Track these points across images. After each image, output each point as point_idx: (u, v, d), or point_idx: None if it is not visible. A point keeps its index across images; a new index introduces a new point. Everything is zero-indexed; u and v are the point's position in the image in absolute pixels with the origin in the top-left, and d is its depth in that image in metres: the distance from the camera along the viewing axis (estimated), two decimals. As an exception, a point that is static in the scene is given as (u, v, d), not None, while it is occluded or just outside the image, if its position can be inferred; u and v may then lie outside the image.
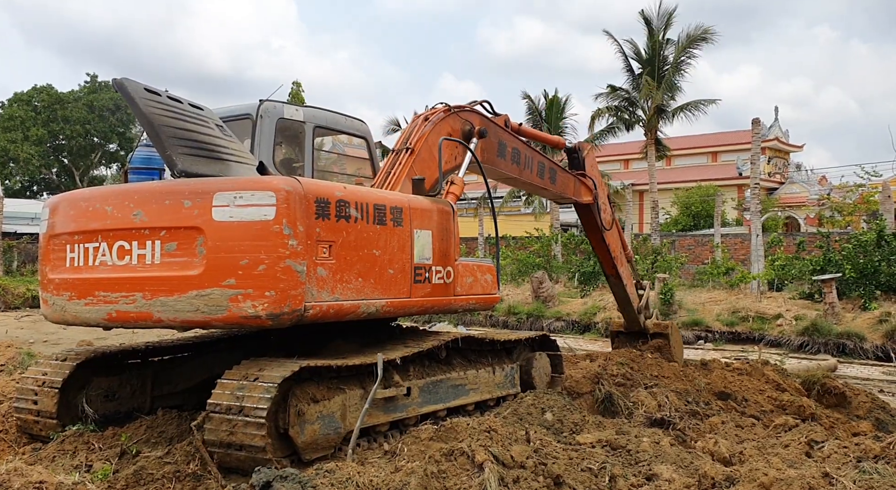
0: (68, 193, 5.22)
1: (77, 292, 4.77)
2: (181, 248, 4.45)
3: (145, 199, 4.60)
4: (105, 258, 4.67)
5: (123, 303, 4.56)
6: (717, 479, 3.98)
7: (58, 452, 4.64)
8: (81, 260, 4.80)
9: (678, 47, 24.36)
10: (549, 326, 15.46)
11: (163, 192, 4.59)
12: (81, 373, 5.37)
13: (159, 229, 4.51)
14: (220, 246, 4.38)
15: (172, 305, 4.42)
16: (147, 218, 4.55)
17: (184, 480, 4.13)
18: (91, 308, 4.70)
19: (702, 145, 46.28)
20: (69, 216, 4.94)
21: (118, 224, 4.64)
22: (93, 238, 4.74)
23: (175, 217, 4.47)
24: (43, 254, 5.09)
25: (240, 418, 4.21)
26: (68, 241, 4.89)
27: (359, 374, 4.99)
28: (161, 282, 4.46)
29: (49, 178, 53.48)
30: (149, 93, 4.73)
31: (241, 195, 4.40)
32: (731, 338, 13.29)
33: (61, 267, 4.92)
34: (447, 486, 3.90)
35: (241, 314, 4.36)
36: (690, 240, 26.82)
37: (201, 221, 4.41)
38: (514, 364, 6.54)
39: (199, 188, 4.49)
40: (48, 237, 5.05)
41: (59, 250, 4.94)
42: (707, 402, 6.58)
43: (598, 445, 4.88)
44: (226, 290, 4.35)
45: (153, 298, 4.46)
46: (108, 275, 4.64)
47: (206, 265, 4.38)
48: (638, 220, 39.39)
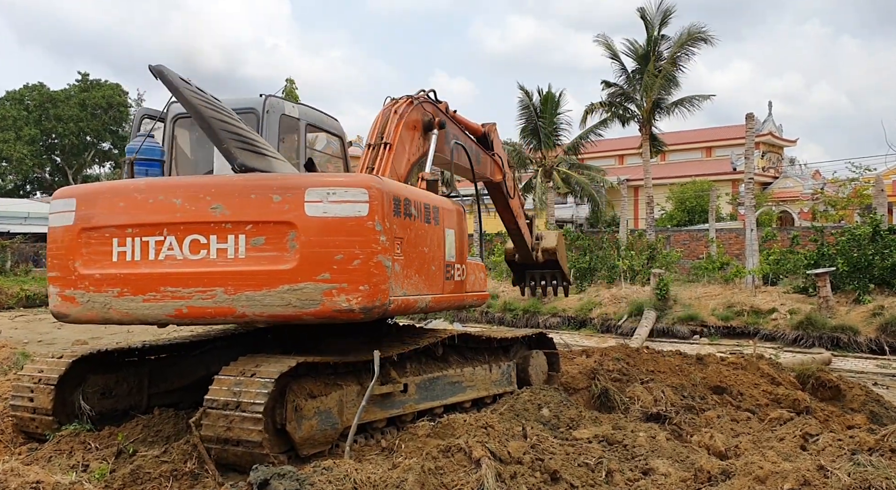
0: (105, 184, 5.01)
1: (131, 288, 4.55)
2: (270, 243, 4.45)
3: (225, 193, 4.53)
4: (173, 252, 4.53)
5: (199, 298, 4.46)
6: (713, 473, 3.99)
7: (54, 452, 4.63)
8: (138, 254, 4.58)
9: (676, 43, 24.40)
10: (544, 323, 15.48)
11: (246, 186, 4.55)
12: (78, 370, 5.36)
13: (244, 223, 4.48)
14: (313, 241, 4.42)
15: (260, 300, 4.41)
16: (229, 212, 4.49)
17: (181, 479, 4.13)
18: (153, 304, 4.52)
19: (696, 140, 46.35)
20: (117, 208, 4.66)
21: (192, 217, 4.53)
22: (155, 231, 4.57)
23: (263, 211, 4.46)
24: (68, 248, 4.72)
25: (237, 414, 4.22)
26: (115, 234, 4.63)
27: (356, 371, 5.00)
28: (247, 276, 4.43)
29: (42, 178, 53.24)
30: (184, 82, 4.73)
31: (334, 191, 4.47)
32: (726, 332, 13.33)
33: (103, 261, 4.63)
34: (445, 483, 3.91)
35: (335, 308, 4.42)
36: (685, 235, 26.88)
37: (293, 216, 4.43)
38: (511, 362, 6.56)
39: (288, 183, 4.53)
40: (79, 230, 4.69)
41: (98, 244, 4.65)
42: (702, 397, 6.60)
43: (594, 441, 4.90)
44: (319, 285, 4.39)
45: (237, 293, 4.42)
46: (177, 269, 4.50)
47: (300, 260, 4.40)
48: (633, 215, 39.44)
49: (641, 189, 31.74)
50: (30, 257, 27.63)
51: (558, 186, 31.45)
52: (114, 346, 5.78)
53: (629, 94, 25.99)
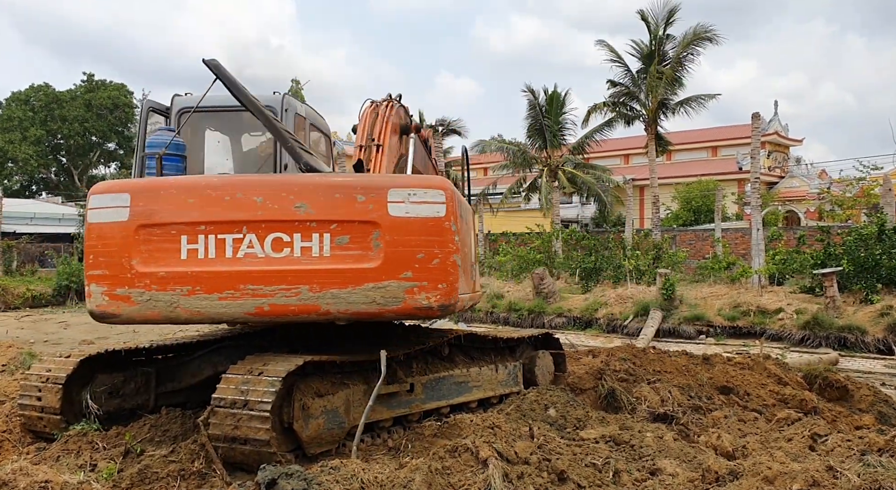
0: (167, 180, 4.89)
1: (204, 286, 4.49)
2: (354, 242, 4.55)
3: (309, 192, 4.59)
4: (253, 250, 4.53)
5: (282, 296, 4.49)
6: (721, 474, 3.98)
7: (62, 452, 4.64)
8: (212, 252, 4.53)
9: (682, 43, 24.36)
10: (550, 323, 15.46)
11: (330, 185, 4.64)
12: (85, 369, 5.38)
13: (329, 222, 4.55)
14: (396, 240, 4.55)
15: (345, 298, 4.50)
16: (314, 211, 4.55)
17: (189, 479, 4.14)
18: (230, 302, 4.50)
19: (701, 140, 46.25)
20: (187, 205, 4.58)
21: (275, 216, 4.55)
22: (233, 229, 4.55)
23: (348, 211, 4.56)
24: (121, 245, 4.56)
25: (244, 412, 4.23)
26: (185, 231, 4.55)
27: (362, 370, 5.01)
28: (332, 274, 4.50)
29: (48, 178, 53.44)
30: None
31: (415, 192, 4.62)
32: (732, 332, 13.28)
33: (169, 259, 4.54)
34: (452, 483, 3.91)
35: (416, 305, 4.57)
36: (691, 235, 26.83)
37: (377, 216, 4.55)
38: (517, 362, 6.56)
39: (372, 184, 4.66)
40: (136, 227, 4.56)
41: (162, 241, 4.55)
42: (709, 397, 6.58)
43: (601, 441, 4.89)
44: (402, 283, 4.54)
45: (322, 291, 4.49)
46: (258, 267, 4.51)
47: (384, 258, 4.53)
48: (639, 215, 39.38)
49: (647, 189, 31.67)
50: (36, 257, 27.73)
51: (564, 186, 31.42)
52: (121, 345, 5.80)
53: (634, 94, 25.95)
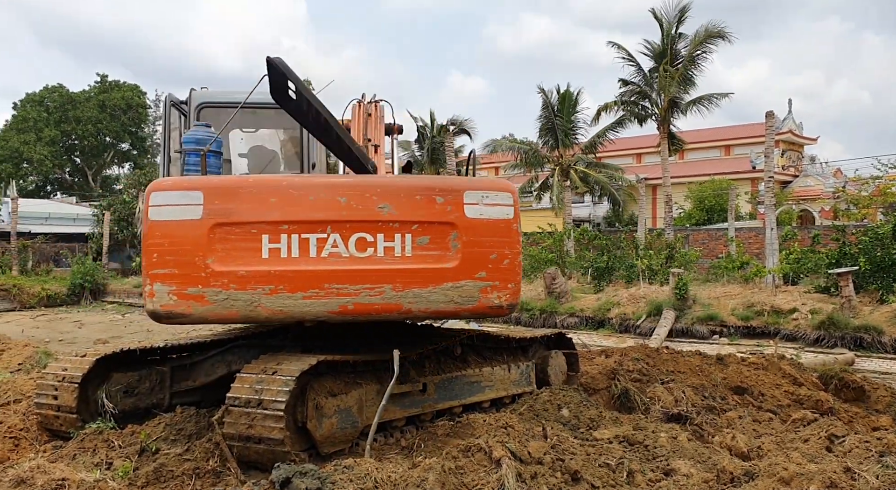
0: (245, 178, 4.87)
1: (288, 285, 4.52)
2: (434, 242, 4.71)
3: (391, 193, 4.70)
4: (338, 250, 4.60)
5: (366, 295, 4.59)
6: (736, 474, 3.95)
7: (78, 450, 4.68)
8: (296, 251, 4.56)
9: (694, 41, 24.23)
10: (562, 323, 15.41)
11: (410, 187, 4.79)
12: (101, 368, 5.42)
13: (410, 223, 4.69)
14: (472, 241, 4.76)
15: (426, 297, 4.66)
16: (397, 211, 4.67)
17: (203, 477, 4.16)
18: (315, 301, 4.56)
19: (715, 139, 45.97)
20: (268, 204, 4.59)
21: (359, 216, 4.64)
22: (317, 229, 4.60)
23: (428, 212, 4.71)
24: (194, 244, 4.51)
25: (259, 411, 4.26)
26: (266, 230, 4.56)
27: (375, 370, 5.02)
28: (414, 274, 4.65)
29: (62, 178, 53.93)
30: None
31: (487, 195, 4.83)
32: (746, 332, 13.18)
33: (249, 258, 4.53)
34: (465, 483, 3.90)
35: (489, 304, 4.79)
36: (704, 234, 26.65)
37: (455, 217, 4.74)
38: (530, 362, 6.54)
39: (449, 186, 4.86)
40: (212, 225, 4.52)
41: (240, 240, 4.54)
42: (723, 397, 6.54)
43: (615, 441, 4.87)
44: (477, 282, 4.75)
45: (405, 290, 4.62)
46: (343, 267, 4.59)
47: (461, 259, 4.73)
48: (651, 214, 39.21)
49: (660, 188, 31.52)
50: (50, 257, 27.96)
51: (576, 185, 31.33)
52: (136, 344, 5.84)
53: (646, 93, 25.84)
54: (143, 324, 15.40)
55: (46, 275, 24.22)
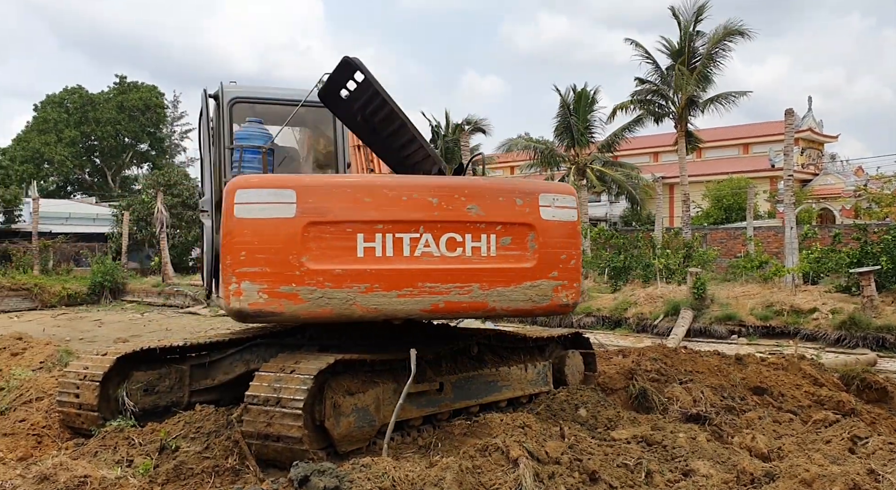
0: (338, 178, 5.01)
1: (383, 284, 4.60)
2: (514, 243, 4.92)
3: (478, 195, 4.86)
4: (429, 249, 4.71)
5: (456, 293, 4.72)
6: (756, 475, 3.92)
7: (100, 447, 4.73)
8: (391, 250, 4.65)
9: (712, 39, 24.04)
10: (578, 322, 15.35)
11: (493, 188, 4.97)
12: (121, 367, 5.48)
13: (495, 224, 4.87)
14: (547, 242, 4.98)
15: (508, 295, 4.87)
16: (483, 213, 4.83)
17: (223, 475, 4.19)
18: (408, 299, 4.65)
19: (733, 137, 45.56)
20: (363, 204, 4.65)
21: (449, 217, 4.76)
22: (411, 228, 4.69)
23: (510, 213, 4.92)
24: (287, 242, 4.50)
25: (277, 410, 4.28)
26: (361, 229, 4.62)
27: (392, 369, 5.02)
28: (498, 273, 4.84)
29: (82, 179, 54.56)
30: None
31: (557, 197, 5.07)
32: (765, 332, 13.04)
33: (344, 257, 4.57)
34: (483, 482, 3.90)
35: (559, 303, 5.05)
36: (722, 233, 26.44)
37: (532, 219, 4.96)
38: (547, 361, 6.51)
39: (526, 188, 5.08)
40: (306, 224, 4.53)
41: (335, 239, 4.57)
42: (742, 397, 6.48)
43: (633, 441, 4.84)
44: (551, 282, 4.99)
45: (490, 289, 4.80)
46: (435, 266, 4.70)
47: (538, 259, 4.95)
48: (668, 213, 38.93)
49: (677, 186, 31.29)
50: (71, 257, 28.30)
51: (592, 184, 31.19)
52: (156, 343, 5.89)
53: (663, 91, 25.67)
54: (162, 323, 15.56)
55: (67, 274, 24.52)
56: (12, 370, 6.81)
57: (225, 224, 4.54)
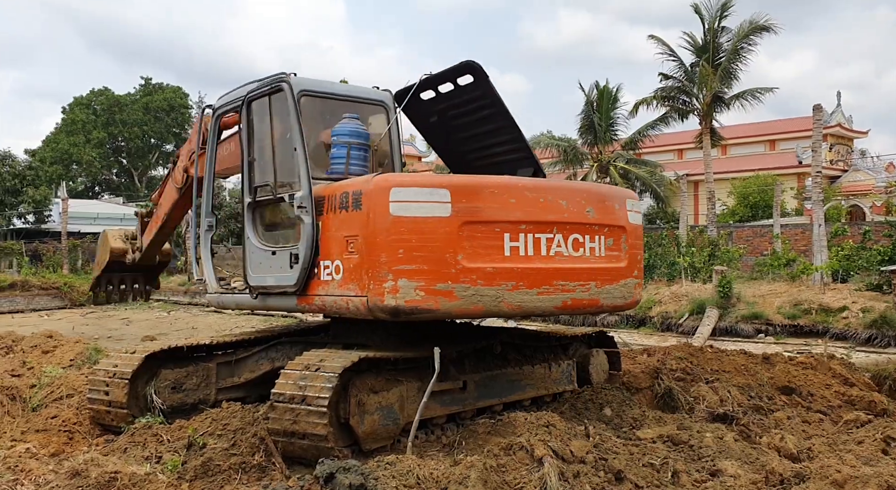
0: (485, 179, 5.08)
1: (526, 282, 4.79)
2: (615, 244, 5.36)
3: (593, 199, 5.28)
4: (560, 249, 4.99)
5: (580, 291, 5.09)
6: (786, 476, 3.86)
7: (129, 444, 4.81)
8: (531, 250, 4.84)
9: (737, 34, 23.72)
10: (601, 321, 15.25)
11: (600, 193, 5.43)
12: (150, 365, 5.56)
13: (603, 226, 5.29)
14: (632, 244, 5.50)
15: (612, 293, 5.31)
16: (597, 215, 5.24)
17: (249, 472, 4.23)
18: (545, 297, 4.91)
19: (759, 133, 44.91)
20: (509, 204, 4.80)
21: (574, 218, 5.10)
22: (547, 229, 4.92)
23: (613, 217, 5.37)
24: (444, 240, 4.57)
25: (303, 407, 4.32)
26: (508, 229, 4.77)
27: (416, 367, 5.03)
28: (606, 272, 5.27)
29: (110, 179, 55.41)
30: None
31: (635, 203, 5.67)
32: (793, 331, 12.84)
33: (494, 256, 4.71)
34: (507, 481, 3.89)
35: (636, 299, 5.60)
36: (748, 231, 26.06)
37: (624, 222, 5.46)
38: (571, 360, 6.48)
39: (619, 194, 5.59)
40: (461, 223, 4.61)
41: (486, 238, 4.70)
42: (770, 397, 6.39)
43: (659, 440, 4.80)
44: (633, 280, 5.50)
45: (601, 287, 5.23)
46: (565, 265, 4.99)
47: (628, 259, 5.45)
48: (693, 211, 38.48)
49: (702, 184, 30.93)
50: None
51: (615, 182, 30.96)
52: (183, 341, 5.97)
53: (688, 88, 25.39)
54: (188, 321, 15.75)
55: (95, 273, 24.81)
56: (44, 368, 6.93)
57: (375, 222, 4.54)
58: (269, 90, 5.49)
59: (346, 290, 4.68)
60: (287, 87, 5.24)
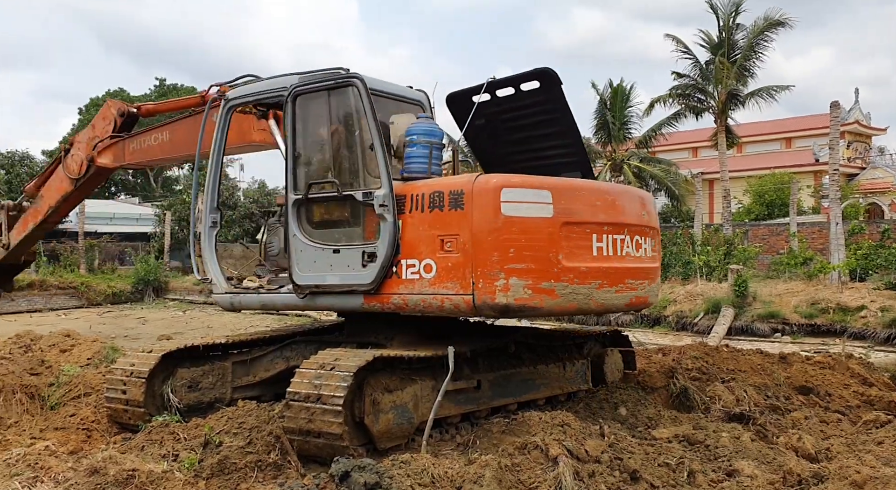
0: (578, 181, 5.43)
1: (608, 280, 5.11)
2: (655, 245, 5.74)
3: (645, 202, 5.71)
4: (628, 249, 5.32)
5: (641, 289, 5.43)
6: (804, 476, 3.83)
7: (146, 442, 4.85)
8: (611, 250, 5.15)
9: (752, 31, 23.52)
10: (616, 320, 15.19)
11: (643, 197, 5.82)
12: (166, 364, 5.61)
13: (651, 228, 5.65)
14: (658, 244, 5.84)
15: (653, 291, 5.67)
16: (648, 218, 5.62)
17: (265, 470, 4.26)
18: (619, 295, 5.23)
19: (775, 131, 44.52)
20: (596, 206, 5.12)
21: (636, 221, 5.46)
22: (621, 230, 5.26)
23: (655, 219, 5.79)
24: (548, 240, 4.78)
25: (318, 406, 4.34)
26: (595, 230, 5.05)
27: (430, 367, 5.04)
28: (653, 271, 5.65)
29: (125, 180, 55.89)
30: None
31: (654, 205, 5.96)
32: (810, 330, 12.72)
33: (584, 255, 4.96)
34: (522, 480, 3.89)
35: (658, 297, 5.98)
36: (764, 229, 25.83)
37: (657, 224, 5.84)
38: (585, 359, 6.46)
39: (651, 197, 6.03)
40: (561, 224, 4.84)
41: (579, 238, 4.94)
42: (787, 397, 6.34)
43: (674, 440, 4.78)
44: (659, 279, 5.86)
45: (651, 285, 5.58)
46: (632, 265, 5.33)
47: (658, 260, 5.80)
48: (708, 209, 38.23)
49: (717, 182, 30.70)
50: (115, 256, 28.96)
51: (629, 180, 30.80)
52: (199, 340, 6.01)
53: (702, 86, 25.20)
54: (204, 320, 15.86)
55: (112, 273, 25.09)
56: (62, 366, 7.00)
57: (484, 221, 4.66)
58: (331, 85, 5.36)
59: (440, 288, 4.75)
60: (360, 84, 5.16)
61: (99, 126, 8.15)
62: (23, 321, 15.50)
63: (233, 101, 6.06)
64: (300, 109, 5.49)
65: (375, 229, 5.06)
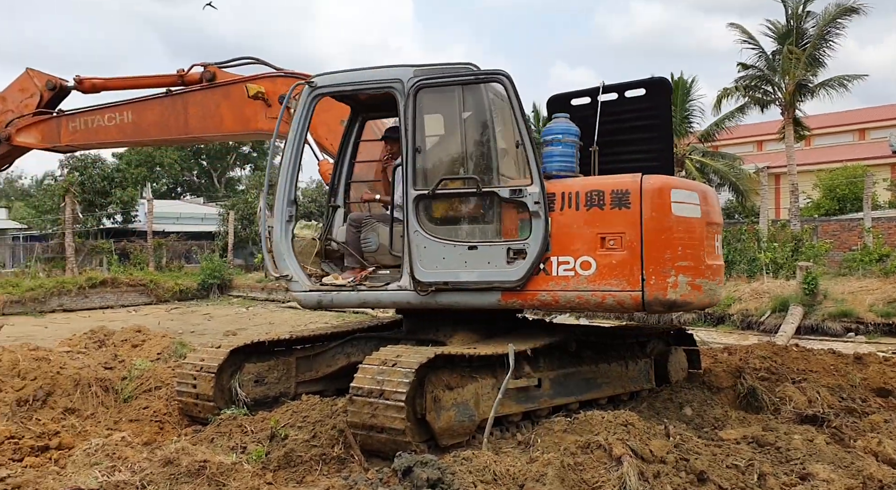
0: (702, 184, 5.93)
1: (719, 278, 5.51)
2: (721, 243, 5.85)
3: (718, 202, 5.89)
4: (720, 247, 5.69)
5: (720, 285, 5.56)
6: (886, 482, 3.66)
7: (216, 434, 4.99)
8: (719, 248, 5.62)
9: (824, 18, 22.60)
10: (678, 318, 14.85)
11: None
12: (234, 359, 5.76)
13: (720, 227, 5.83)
14: None
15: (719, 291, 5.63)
16: (718, 218, 5.74)
17: (329, 463, 4.33)
18: (721, 290, 5.59)
19: (847, 122, 42.64)
20: (713, 208, 5.55)
21: (720, 220, 5.79)
22: (720, 230, 5.71)
23: None
24: (699, 239, 5.17)
25: (381, 401, 4.38)
26: (716, 230, 5.55)
27: (490, 365, 5.03)
28: (722, 269, 5.73)
29: (190, 180, 57.73)
30: None
31: None
32: (887, 330, 12.16)
33: (712, 253, 5.39)
34: (585, 479, 3.84)
35: None
36: (835, 225, 24.79)
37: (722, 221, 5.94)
38: (648, 358, 6.34)
39: (715, 193, 6.02)
40: (705, 224, 5.25)
41: (709, 237, 5.35)
42: (864, 399, 6.07)
43: (743, 441, 4.64)
44: None
45: (720, 284, 5.62)
46: (719, 262, 5.58)
47: None
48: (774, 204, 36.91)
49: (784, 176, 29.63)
50: (182, 254, 29.93)
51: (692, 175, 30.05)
52: (265, 336, 6.16)
53: (769, 77, 24.35)
54: (266, 316, 16.25)
55: (178, 271, 25.94)
56: (133, 361, 7.28)
57: (655, 220, 4.93)
58: (472, 80, 5.27)
59: (602, 285, 4.95)
60: (507, 80, 5.10)
61: (14, 99, 7.07)
62: (96, 317, 16.21)
63: (322, 88, 5.67)
64: (423, 103, 5.31)
65: (515, 226, 5.13)
